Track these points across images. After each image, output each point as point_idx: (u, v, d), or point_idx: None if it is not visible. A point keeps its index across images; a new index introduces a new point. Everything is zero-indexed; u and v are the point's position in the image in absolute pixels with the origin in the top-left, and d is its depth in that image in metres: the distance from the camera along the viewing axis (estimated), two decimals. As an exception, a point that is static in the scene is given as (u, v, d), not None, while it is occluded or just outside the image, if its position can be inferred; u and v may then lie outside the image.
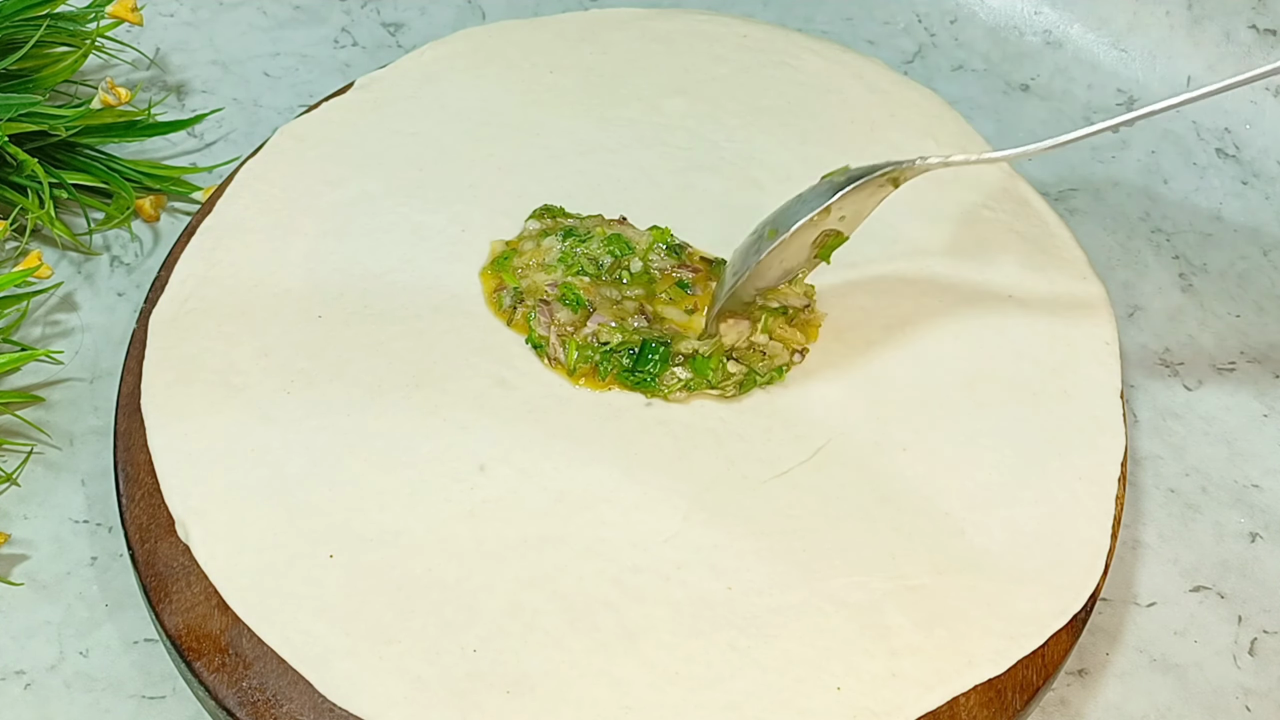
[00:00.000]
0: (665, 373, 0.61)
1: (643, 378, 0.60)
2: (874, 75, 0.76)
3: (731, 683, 0.52)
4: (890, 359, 0.63)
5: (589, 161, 0.70)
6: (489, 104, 0.72)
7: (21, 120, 0.67)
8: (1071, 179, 0.79)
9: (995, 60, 0.85)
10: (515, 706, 0.51)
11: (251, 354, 0.61)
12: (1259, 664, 0.60)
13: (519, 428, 0.59)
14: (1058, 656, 0.55)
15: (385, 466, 0.58)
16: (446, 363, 0.61)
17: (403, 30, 0.85)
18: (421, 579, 0.54)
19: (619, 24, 0.77)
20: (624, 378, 0.61)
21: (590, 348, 0.61)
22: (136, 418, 0.59)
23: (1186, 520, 0.65)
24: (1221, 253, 0.76)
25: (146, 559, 0.56)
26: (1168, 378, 0.70)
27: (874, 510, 0.58)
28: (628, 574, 0.55)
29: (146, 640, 0.58)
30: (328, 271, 0.65)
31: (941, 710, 0.53)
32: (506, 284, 0.64)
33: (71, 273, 0.70)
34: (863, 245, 0.66)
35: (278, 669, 0.52)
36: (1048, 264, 0.67)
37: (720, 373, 0.61)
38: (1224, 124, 0.81)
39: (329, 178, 0.68)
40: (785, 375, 0.62)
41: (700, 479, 0.58)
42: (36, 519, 0.61)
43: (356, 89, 0.73)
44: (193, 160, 0.76)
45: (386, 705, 0.51)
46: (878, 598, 0.55)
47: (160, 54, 0.81)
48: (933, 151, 0.71)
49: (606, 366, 0.61)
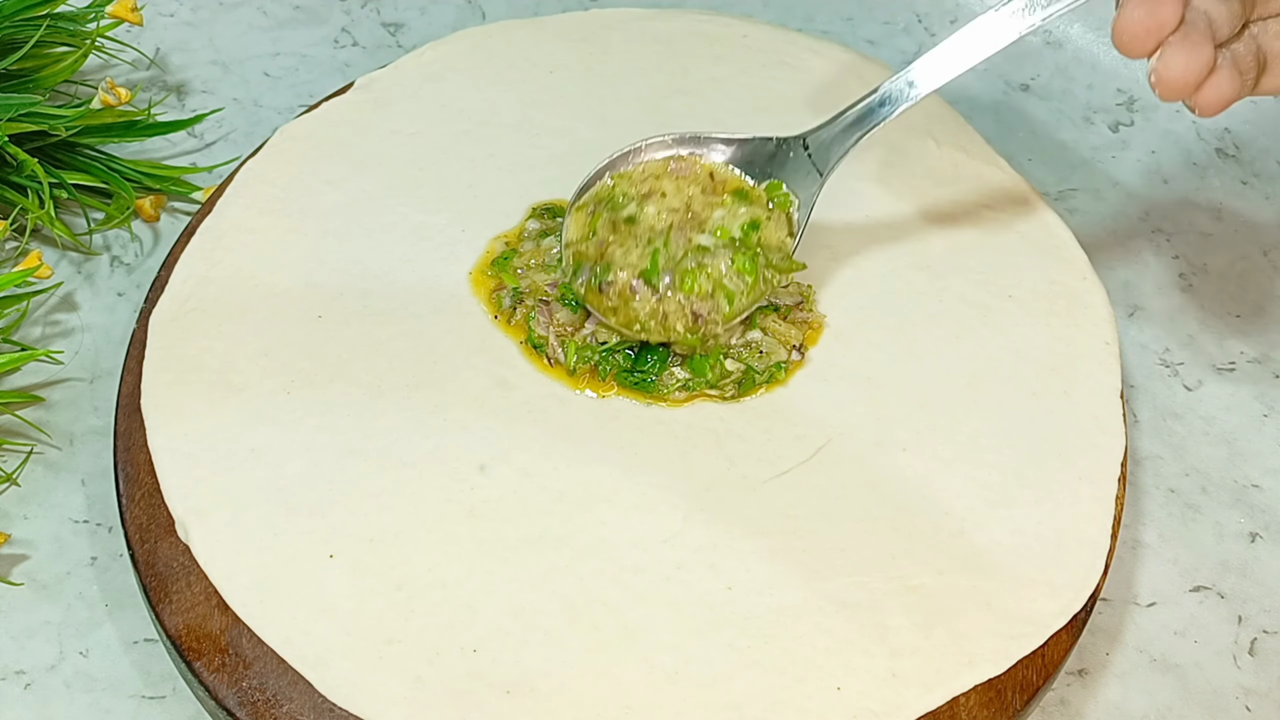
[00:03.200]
0: (664, 373, 0.60)
1: (642, 378, 0.60)
2: (874, 75, 0.76)
3: (731, 683, 0.52)
4: (890, 359, 0.63)
5: (589, 161, 0.70)
6: (489, 104, 0.72)
7: (21, 120, 0.67)
8: (1071, 179, 0.79)
9: (995, 60, 0.85)
10: (515, 706, 0.51)
11: (251, 354, 0.61)
12: (1259, 664, 0.60)
13: (519, 428, 0.59)
14: (1058, 656, 0.55)
15: (385, 466, 0.58)
16: (446, 363, 0.61)
17: (403, 30, 0.85)
18: (421, 579, 0.54)
19: (619, 24, 0.77)
20: (623, 378, 0.61)
21: (590, 348, 0.61)
22: (136, 418, 0.59)
23: (1186, 520, 0.65)
24: (1221, 253, 0.76)
25: (146, 559, 0.56)
26: (1168, 378, 0.70)
27: (874, 510, 0.58)
28: (628, 574, 0.55)
29: (146, 640, 0.58)
30: (328, 271, 0.65)
31: (941, 710, 0.53)
32: (505, 284, 0.64)
33: (71, 273, 0.70)
34: (863, 245, 0.66)
35: (278, 669, 0.52)
36: (1048, 264, 0.67)
37: (719, 370, 0.60)
38: (1224, 124, 0.81)
39: (329, 178, 0.68)
40: (785, 374, 0.62)
41: (700, 479, 0.58)
42: (36, 519, 0.61)
43: (356, 89, 0.73)
44: (193, 160, 0.76)
45: (386, 705, 0.51)
46: (878, 598, 0.55)
47: (160, 54, 0.81)
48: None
49: (606, 367, 0.61)
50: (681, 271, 0.59)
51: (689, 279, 0.59)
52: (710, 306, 0.59)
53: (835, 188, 0.62)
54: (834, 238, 0.67)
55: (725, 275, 0.59)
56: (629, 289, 0.59)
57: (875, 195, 0.69)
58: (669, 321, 0.59)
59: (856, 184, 0.69)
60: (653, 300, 0.59)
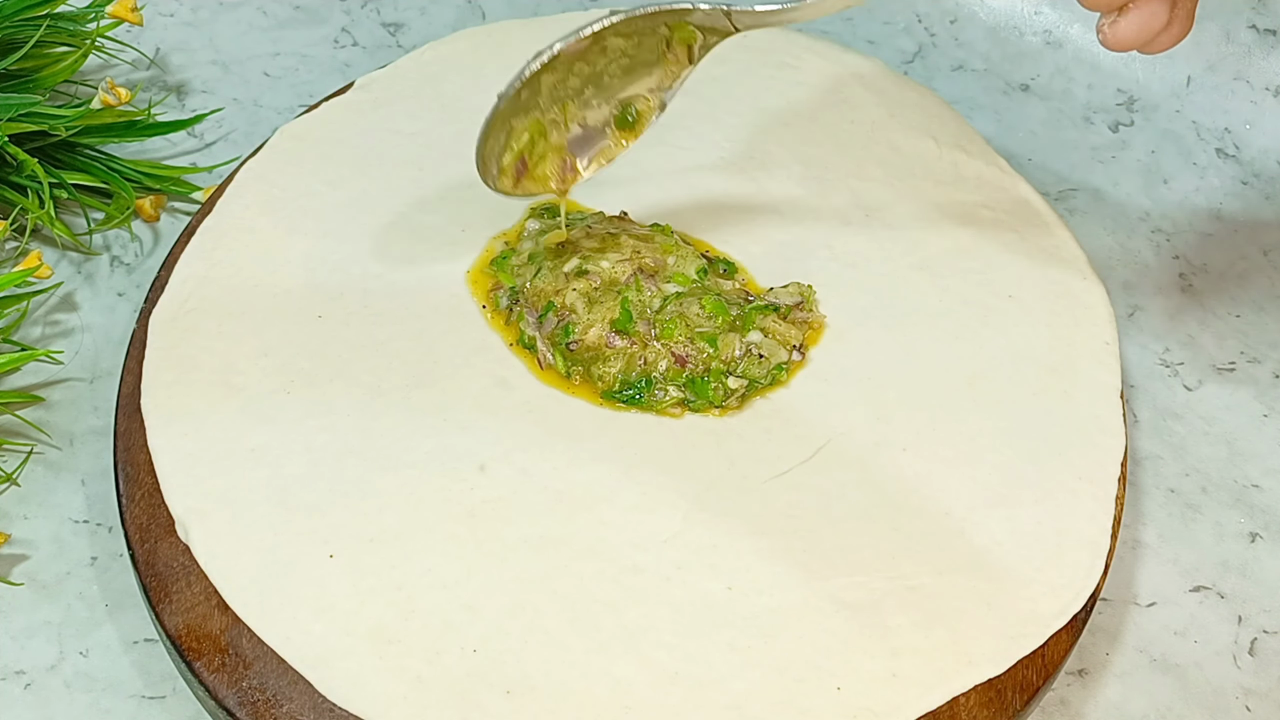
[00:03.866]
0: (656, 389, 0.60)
1: (631, 396, 0.60)
2: (874, 75, 0.76)
3: (731, 683, 0.52)
4: (890, 359, 0.63)
5: (589, 161, 0.70)
6: (489, 104, 0.72)
7: (21, 120, 0.67)
8: (1071, 179, 0.79)
9: (995, 60, 0.85)
10: (515, 706, 0.51)
11: (251, 354, 0.61)
12: (1259, 664, 0.60)
13: (519, 428, 0.59)
14: (1058, 656, 0.55)
15: (385, 466, 0.58)
16: (446, 363, 0.61)
17: (403, 30, 0.85)
18: (421, 579, 0.54)
19: (619, 24, 0.77)
20: (610, 395, 0.60)
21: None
22: (136, 418, 0.59)
23: (1186, 520, 0.65)
24: (1221, 253, 0.76)
25: (146, 559, 0.56)
26: (1168, 378, 0.70)
27: (874, 510, 0.58)
28: (628, 574, 0.55)
29: (146, 640, 0.58)
30: (328, 271, 0.65)
31: (941, 710, 0.53)
32: (502, 283, 0.64)
33: (71, 273, 0.70)
34: (862, 245, 0.66)
35: (278, 669, 0.52)
36: (1048, 264, 0.67)
37: (722, 390, 0.60)
38: (1224, 124, 0.81)
39: (329, 178, 0.68)
40: (786, 375, 0.61)
41: (700, 479, 0.58)
42: (36, 519, 0.61)
43: (356, 89, 0.73)
44: (193, 160, 0.76)
45: (386, 705, 0.51)
46: (878, 598, 0.55)
47: (160, 54, 0.81)
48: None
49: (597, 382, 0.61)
50: (660, 322, 0.60)
51: (669, 328, 0.60)
52: (694, 349, 0.60)
53: (835, 187, 0.62)
54: (834, 238, 0.67)
55: (698, 321, 0.60)
56: (604, 342, 0.60)
57: (875, 195, 0.69)
58: (648, 367, 0.60)
59: (856, 184, 0.69)
60: (629, 349, 0.60)
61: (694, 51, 0.59)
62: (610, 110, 0.60)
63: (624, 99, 0.60)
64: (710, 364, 0.60)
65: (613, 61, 0.59)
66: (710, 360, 0.60)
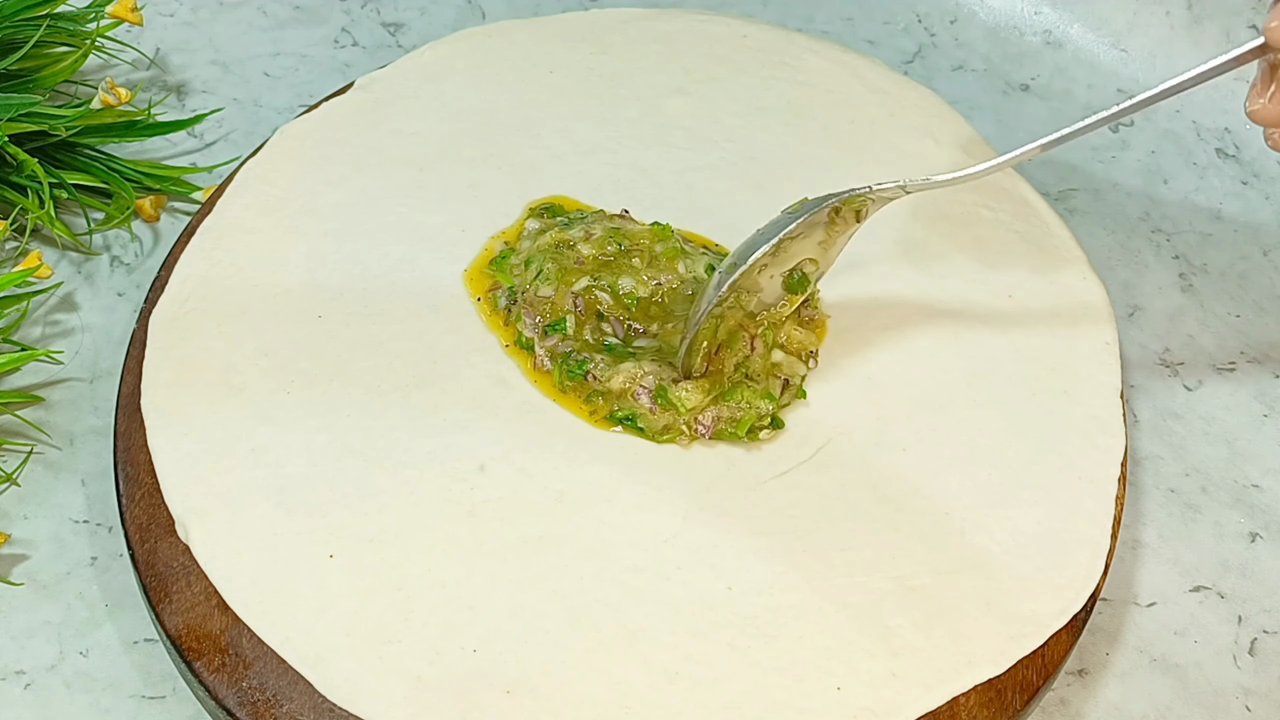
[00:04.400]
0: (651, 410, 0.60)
1: (627, 414, 0.60)
2: (874, 75, 0.76)
3: (731, 683, 0.52)
4: (890, 359, 0.63)
5: (589, 161, 0.70)
6: (489, 104, 0.72)
7: (21, 120, 0.67)
8: (1071, 179, 0.79)
9: (995, 60, 0.85)
10: (515, 706, 0.51)
11: (251, 354, 0.61)
12: (1259, 664, 0.60)
13: (519, 427, 0.59)
14: (1058, 656, 0.55)
15: (385, 466, 0.58)
16: (446, 362, 0.61)
17: (403, 30, 0.85)
18: (421, 579, 0.54)
19: (619, 24, 0.77)
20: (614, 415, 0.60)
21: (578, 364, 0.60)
22: (136, 418, 0.59)
23: (1186, 520, 0.65)
24: (1221, 253, 0.76)
25: (146, 559, 0.56)
26: (1168, 378, 0.70)
27: (874, 510, 0.58)
28: (628, 574, 0.55)
29: (146, 640, 0.58)
30: (328, 271, 0.65)
31: (941, 710, 0.53)
32: (501, 283, 0.64)
33: (71, 273, 0.70)
34: (862, 245, 0.66)
35: (278, 669, 0.52)
36: (1048, 264, 0.67)
37: (753, 414, 0.59)
38: (1224, 124, 0.81)
39: (329, 178, 0.68)
40: (805, 391, 0.61)
41: (700, 479, 0.58)
42: (36, 519, 0.61)
43: (356, 89, 0.73)
44: (193, 160, 0.76)
45: (386, 705, 0.51)
46: (878, 598, 0.55)
47: (160, 54, 0.81)
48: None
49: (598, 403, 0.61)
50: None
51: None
52: (719, 425, 0.59)
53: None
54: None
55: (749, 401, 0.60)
56: (631, 394, 0.59)
57: (875, 195, 0.69)
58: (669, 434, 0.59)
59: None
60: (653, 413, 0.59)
61: (862, 215, 0.60)
62: (781, 277, 0.60)
63: (792, 266, 0.60)
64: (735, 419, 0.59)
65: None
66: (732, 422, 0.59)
